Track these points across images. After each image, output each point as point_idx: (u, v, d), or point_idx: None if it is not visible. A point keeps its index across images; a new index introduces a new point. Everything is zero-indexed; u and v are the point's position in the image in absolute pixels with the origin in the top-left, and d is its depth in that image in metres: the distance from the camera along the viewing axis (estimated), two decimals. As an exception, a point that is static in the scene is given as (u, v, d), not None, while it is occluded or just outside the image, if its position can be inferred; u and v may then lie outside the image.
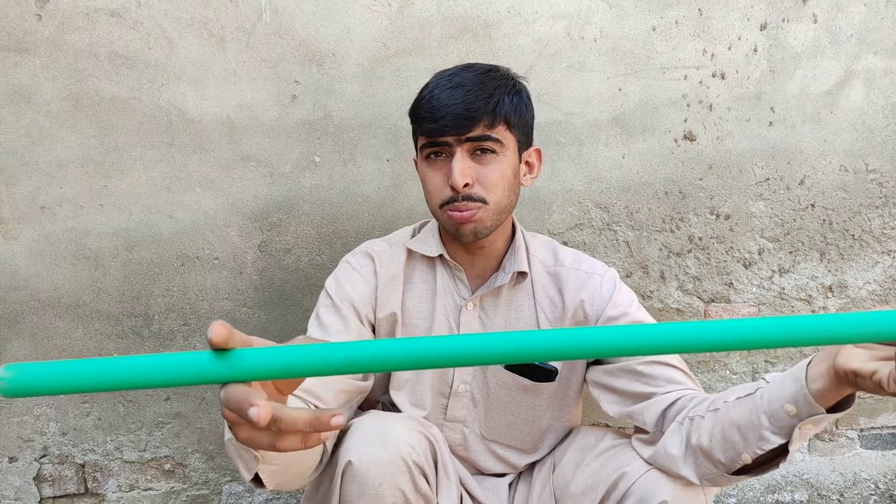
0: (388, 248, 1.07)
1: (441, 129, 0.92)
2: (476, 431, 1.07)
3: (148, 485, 1.49)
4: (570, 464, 1.00)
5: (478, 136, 0.93)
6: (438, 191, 0.96)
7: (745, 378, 1.62)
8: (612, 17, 1.43)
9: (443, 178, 0.95)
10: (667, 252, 1.54)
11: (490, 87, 0.95)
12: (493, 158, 0.95)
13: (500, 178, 0.95)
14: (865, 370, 0.63)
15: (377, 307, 1.03)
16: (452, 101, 0.92)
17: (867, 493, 1.63)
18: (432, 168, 0.97)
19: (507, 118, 0.95)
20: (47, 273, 1.36)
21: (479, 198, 0.94)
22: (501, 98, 0.94)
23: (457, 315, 1.04)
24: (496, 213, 0.97)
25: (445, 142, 0.93)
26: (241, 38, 1.34)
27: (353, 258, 1.07)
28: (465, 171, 0.93)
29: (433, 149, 0.95)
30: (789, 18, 1.48)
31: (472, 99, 0.92)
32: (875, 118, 1.53)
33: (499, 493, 1.07)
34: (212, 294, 1.42)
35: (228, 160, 1.37)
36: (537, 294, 1.05)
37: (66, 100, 1.31)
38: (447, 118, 0.91)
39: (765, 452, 0.78)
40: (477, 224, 0.95)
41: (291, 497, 1.52)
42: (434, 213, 1.00)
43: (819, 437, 1.68)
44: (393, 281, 1.04)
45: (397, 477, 0.82)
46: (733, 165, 1.52)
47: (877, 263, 1.61)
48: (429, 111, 0.94)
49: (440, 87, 0.95)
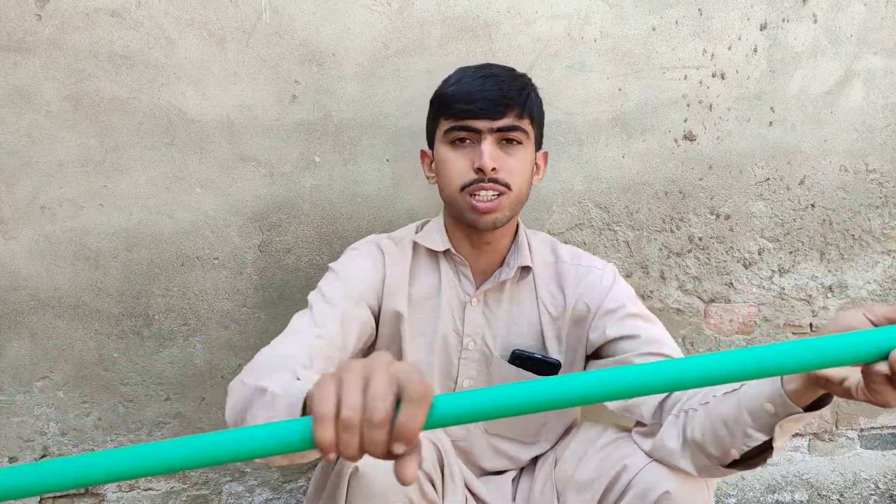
0: (394, 244, 1.08)
1: (476, 112, 0.94)
2: (479, 425, 1.07)
3: (148, 485, 1.49)
4: (572, 457, 1.01)
5: (508, 126, 0.95)
6: (461, 174, 0.97)
7: (745, 378, 1.62)
8: (612, 17, 1.43)
9: (467, 162, 0.96)
10: (667, 252, 1.54)
11: (521, 81, 0.99)
12: (518, 149, 0.98)
13: (523, 169, 0.98)
14: (836, 377, 0.63)
15: (383, 298, 1.03)
16: (487, 88, 0.94)
17: (867, 493, 1.63)
18: (456, 152, 0.98)
19: (532, 113, 0.98)
20: (47, 273, 1.36)
21: (504, 182, 0.96)
22: (530, 93, 0.98)
23: (461, 311, 1.05)
24: (516, 203, 0.99)
25: (476, 128, 0.95)
26: (241, 38, 1.34)
27: (363, 246, 1.07)
28: (494, 156, 0.95)
29: (462, 133, 0.96)
30: (789, 18, 1.48)
31: (506, 88, 0.95)
32: (875, 118, 1.53)
33: (502, 489, 1.07)
34: (212, 294, 1.42)
35: (228, 160, 1.37)
36: (539, 289, 1.06)
37: (66, 100, 1.31)
38: (482, 102, 0.93)
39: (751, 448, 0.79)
40: (498, 214, 0.97)
41: (291, 497, 1.52)
42: (451, 199, 1.00)
43: (819, 437, 1.68)
44: (400, 278, 1.04)
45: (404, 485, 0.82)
46: (733, 165, 1.52)
47: (877, 263, 1.61)
48: (463, 95, 0.95)
49: (469, 75, 0.98)
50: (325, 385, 0.46)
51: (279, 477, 1.52)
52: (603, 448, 0.97)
